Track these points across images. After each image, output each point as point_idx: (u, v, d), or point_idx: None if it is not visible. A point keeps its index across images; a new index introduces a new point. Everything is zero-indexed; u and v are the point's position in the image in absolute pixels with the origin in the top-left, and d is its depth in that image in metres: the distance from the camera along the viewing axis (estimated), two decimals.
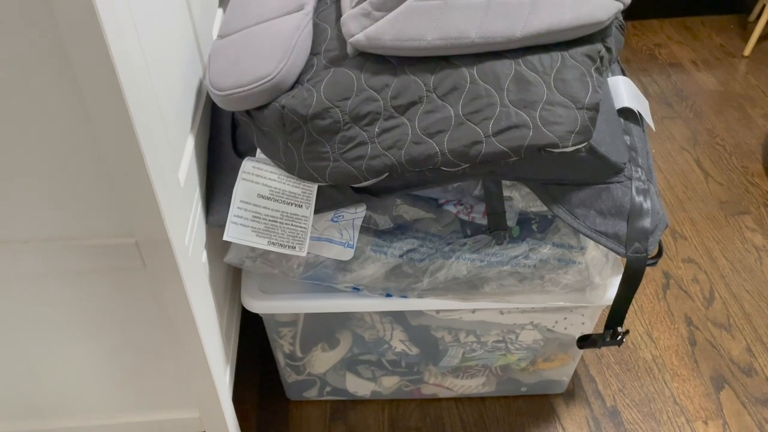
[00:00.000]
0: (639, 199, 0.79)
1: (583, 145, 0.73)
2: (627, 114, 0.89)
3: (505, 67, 0.74)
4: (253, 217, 0.81)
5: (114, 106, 0.56)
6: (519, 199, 0.88)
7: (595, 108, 0.73)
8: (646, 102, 0.94)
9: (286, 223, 0.81)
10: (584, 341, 0.92)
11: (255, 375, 1.18)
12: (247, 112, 0.79)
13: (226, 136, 0.87)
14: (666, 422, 1.11)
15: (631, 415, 1.12)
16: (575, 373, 1.18)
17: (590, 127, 0.73)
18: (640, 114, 0.90)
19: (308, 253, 0.85)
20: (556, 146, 0.72)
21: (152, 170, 0.62)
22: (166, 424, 0.90)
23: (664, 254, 1.39)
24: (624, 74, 0.96)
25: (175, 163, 0.72)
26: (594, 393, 1.16)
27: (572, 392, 1.15)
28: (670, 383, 1.17)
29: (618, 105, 0.88)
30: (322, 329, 1.01)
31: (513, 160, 0.74)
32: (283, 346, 1.03)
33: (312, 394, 1.12)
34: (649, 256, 0.79)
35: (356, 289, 0.91)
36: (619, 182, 0.80)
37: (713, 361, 1.20)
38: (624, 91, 0.90)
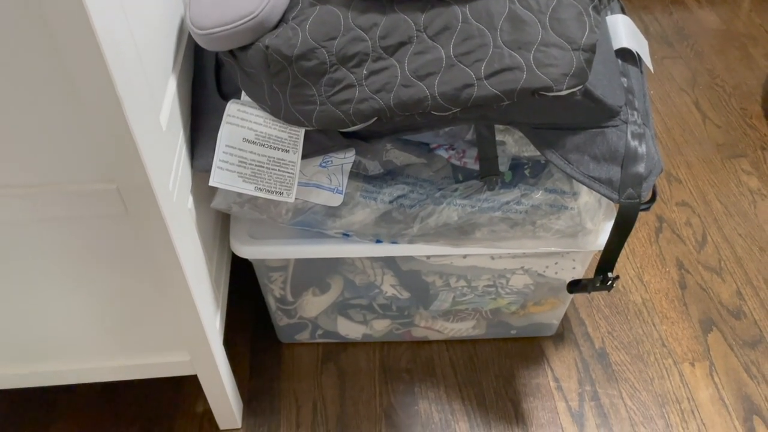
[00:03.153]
0: (634, 143, 0.78)
1: (578, 88, 0.71)
2: (625, 55, 0.86)
3: (499, 6, 0.71)
4: (239, 162, 0.79)
5: (85, 46, 0.53)
6: (512, 143, 0.86)
7: (591, 49, 0.70)
8: (645, 42, 0.91)
9: (273, 169, 0.79)
10: (574, 286, 0.92)
11: (248, 318, 1.19)
12: (231, 52, 0.76)
13: (209, 76, 0.84)
14: (653, 364, 1.13)
15: (619, 357, 1.14)
16: (565, 316, 1.19)
17: (586, 70, 0.70)
18: (638, 55, 0.87)
19: (296, 198, 0.84)
20: (550, 89, 0.70)
21: (130, 113, 0.59)
22: (158, 367, 0.90)
23: (658, 198, 1.39)
24: (624, 12, 0.92)
25: (156, 105, 0.70)
26: (583, 335, 1.17)
27: (561, 335, 1.17)
28: (658, 326, 1.18)
29: (616, 45, 0.85)
30: (312, 274, 1.01)
31: (505, 103, 0.71)
32: (273, 290, 1.03)
33: (304, 337, 1.13)
34: (642, 202, 0.78)
35: (346, 235, 0.90)
36: (614, 126, 0.78)
37: (702, 304, 1.21)
38: (623, 31, 0.86)
